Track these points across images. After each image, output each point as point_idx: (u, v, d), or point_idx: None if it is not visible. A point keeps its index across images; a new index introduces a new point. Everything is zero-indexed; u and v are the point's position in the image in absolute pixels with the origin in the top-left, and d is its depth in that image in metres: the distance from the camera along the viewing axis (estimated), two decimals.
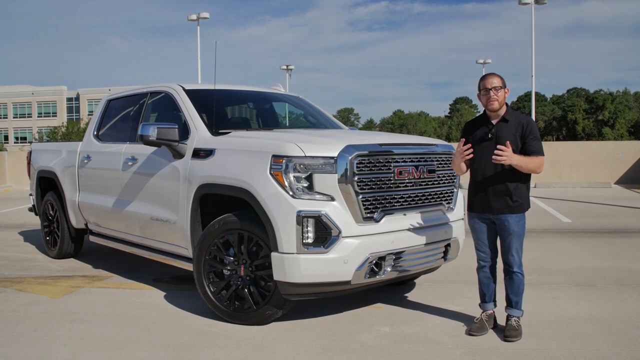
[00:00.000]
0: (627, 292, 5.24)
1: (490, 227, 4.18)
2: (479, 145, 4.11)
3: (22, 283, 5.86)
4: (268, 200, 4.08)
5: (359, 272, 4.08)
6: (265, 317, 4.35)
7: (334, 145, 4.15)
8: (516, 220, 4.06)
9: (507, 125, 4.05)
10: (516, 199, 4.05)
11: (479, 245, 4.25)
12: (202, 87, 5.90)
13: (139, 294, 5.38)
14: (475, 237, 4.26)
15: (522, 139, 4.01)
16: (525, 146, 4.01)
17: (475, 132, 4.16)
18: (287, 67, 43.14)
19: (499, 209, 4.06)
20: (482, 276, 4.29)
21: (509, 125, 4.06)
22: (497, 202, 4.06)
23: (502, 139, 3.99)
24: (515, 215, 4.06)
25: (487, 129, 4.10)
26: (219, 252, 4.49)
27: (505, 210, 4.05)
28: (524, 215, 4.12)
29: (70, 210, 6.71)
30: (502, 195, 4.05)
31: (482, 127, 4.14)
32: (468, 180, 4.29)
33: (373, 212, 4.19)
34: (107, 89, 69.21)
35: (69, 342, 4.09)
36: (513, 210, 4.05)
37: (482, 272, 4.28)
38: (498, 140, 3.99)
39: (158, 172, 5.18)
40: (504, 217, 4.06)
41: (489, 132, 4.08)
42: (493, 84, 4.04)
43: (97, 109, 6.79)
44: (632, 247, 7.50)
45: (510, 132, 4.01)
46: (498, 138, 4.02)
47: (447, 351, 3.85)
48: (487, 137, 4.07)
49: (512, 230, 4.05)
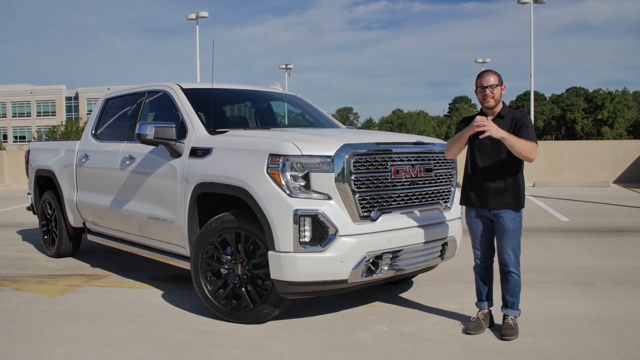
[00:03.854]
0: (625, 291, 5.25)
1: (487, 225, 4.19)
2: (474, 141, 4.13)
3: (20, 282, 5.87)
4: (265, 199, 4.09)
5: (355, 270, 4.09)
6: (263, 315, 4.35)
7: (331, 144, 4.16)
8: (511, 218, 4.06)
9: (502, 122, 4.07)
10: (511, 196, 4.05)
11: (475, 244, 4.26)
12: (199, 86, 5.90)
13: (137, 293, 5.39)
14: (472, 235, 4.27)
15: (515, 132, 4.01)
16: (518, 135, 3.99)
17: None
18: (287, 67, 43.15)
19: (494, 205, 4.07)
20: (478, 275, 4.30)
21: (504, 121, 4.07)
22: (492, 198, 4.07)
23: None
24: (511, 211, 4.06)
25: None
26: (216, 251, 4.49)
27: (500, 206, 4.06)
28: (521, 213, 4.12)
29: (68, 209, 6.71)
30: (498, 192, 4.06)
31: None
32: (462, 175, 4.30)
33: (370, 211, 4.19)
34: (106, 88, 69.17)
35: (66, 341, 4.09)
36: (508, 207, 4.05)
37: (478, 271, 4.29)
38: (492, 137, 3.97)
39: (156, 171, 5.18)
40: (499, 213, 4.07)
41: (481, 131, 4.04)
42: (489, 82, 4.06)
43: (95, 108, 6.79)
44: (630, 246, 7.51)
45: (505, 128, 4.01)
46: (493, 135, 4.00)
47: (443, 350, 3.86)
48: (482, 133, 4.03)
49: (507, 227, 4.06)
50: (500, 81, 4.09)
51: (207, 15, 32.58)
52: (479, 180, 4.12)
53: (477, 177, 4.13)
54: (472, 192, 4.17)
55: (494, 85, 4.05)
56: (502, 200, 4.05)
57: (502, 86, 4.10)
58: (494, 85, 4.05)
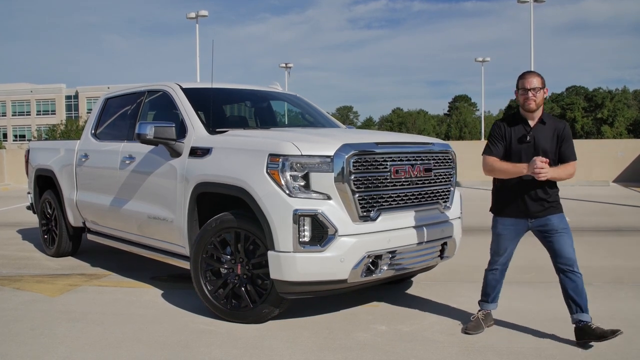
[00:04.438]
0: (624, 291, 5.26)
1: (519, 234, 4.09)
2: (516, 147, 3.97)
3: (20, 281, 5.87)
4: (265, 199, 4.09)
5: (355, 270, 4.10)
6: (262, 315, 4.36)
7: (331, 144, 4.16)
8: (560, 218, 3.98)
9: (544, 128, 3.95)
10: (552, 201, 3.98)
11: (500, 251, 4.13)
12: (199, 85, 5.91)
13: (137, 292, 5.39)
14: (498, 242, 4.13)
15: (557, 144, 3.93)
16: (560, 150, 3.94)
17: (510, 132, 4.01)
18: (287, 65, 43.15)
19: (537, 212, 3.97)
20: (490, 277, 4.21)
21: (546, 128, 3.96)
22: (534, 206, 3.96)
23: (540, 142, 3.91)
24: (556, 215, 3.99)
25: (525, 131, 3.97)
26: (216, 251, 4.49)
27: (545, 213, 3.97)
28: (564, 214, 4.05)
29: (68, 208, 6.72)
30: (539, 199, 3.95)
31: (518, 128, 4.00)
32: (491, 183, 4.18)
33: (369, 211, 4.19)
34: (106, 87, 69.09)
35: (66, 341, 4.09)
36: (552, 212, 3.98)
37: (491, 274, 4.21)
38: (536, 143, 3.90)
39: (155, 171, 5.19)
40: (545, 218, 3.97)
41: (527, 134, 3.95)
42: (532, 84, 3.91)
43: (95, 107, 6.80)
44: (629, 245, 7.52)
45: (548, 136, 3.92)
46: (536, 141, 3.93)
47: (442, 349, 3.86)
48: (526, 140, 3.94)
49: (560, 228, 3.95)
50: (543, 84, 3.95)
51: (207, 14, 32.60)
52: (522, 190, 3.96)
53: (519, 187, 3.96)
54: (512, 201, 4.01)
55: (537, 88, 3.91)
56: (547, 208, 3.96)
57: (544, 89, 3.97)
58: (537, 88, 3.91)
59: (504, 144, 4.01)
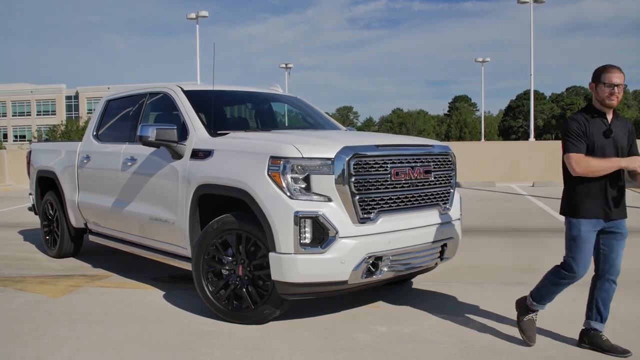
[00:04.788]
0: (623, 292, 5.26)
1: (594, 238, 3.84)
2: (601, 141, 3.74)
3: (22, 282, 5.90)
4: (266, 201, 4.12)
5: (355, 272, 4.12)
6: (264, 316, 4.39)
7: (331, 146, 4.19)
8: (625, 224, 3.85)
9: (619, 124, 3.81)
10: (625, 204, 3.86)
11: (587, 256, 3.83)
12: (200, 87, 5.94)
13: (139, 294, 5.42)
14: (580, 247, 3.81)
15: (629, 141, 3.83)
16: (631, 148, 3.84)
17: (592, 127, 3.77)
18: (287, 66, 43.18)
19: (619, 215, 3.79)
20: (597, 289, 4.01)
21: (619, 124, 3.82)
22: (615, 207, 3.77)
23: (618, 138, 3.78)
24: (625, 219, 3.85)
25: (606, 126, 3.77)
26: (217, 252, 4.52)
27: (621, 215, 3.81)
28: None
29: (69, 209, 6.75)
30: (618, 199, 3.78)
31: (597, 123, 3.78)
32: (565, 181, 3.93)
33: (370, 213, 4.22)
34: (106, 88, 69.25)
35: (69, 342, 4.12)
36: (625, 215, 3.84)
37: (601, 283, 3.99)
38: (615, 139, 3.77)
39: (157, 173, 5.21)
40: (619, 223, 3.81)
41: (608, 129, 3.77)
42: (620, 80, 3.72)
43: (97, 109, 6.82)
44: (629, 246, 7.50)
45: (623, 132, 3.82)
46: (615, 136, 3.79)
47: (442, 350, 3.89)
48: (609, 135, 3.74)
49: (625, 234, 3.84)
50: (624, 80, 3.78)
51: (207, 15, 32.67)
52: (605, 190, 3.75)
53: (601, 186, 3.74)
54: (595, 202, 3.75)
55: (621, 85, 3.74)
56: (622, 210, 3.81)
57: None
58: (621, 84, 3.74)
59: (585, 139, 3.75)
